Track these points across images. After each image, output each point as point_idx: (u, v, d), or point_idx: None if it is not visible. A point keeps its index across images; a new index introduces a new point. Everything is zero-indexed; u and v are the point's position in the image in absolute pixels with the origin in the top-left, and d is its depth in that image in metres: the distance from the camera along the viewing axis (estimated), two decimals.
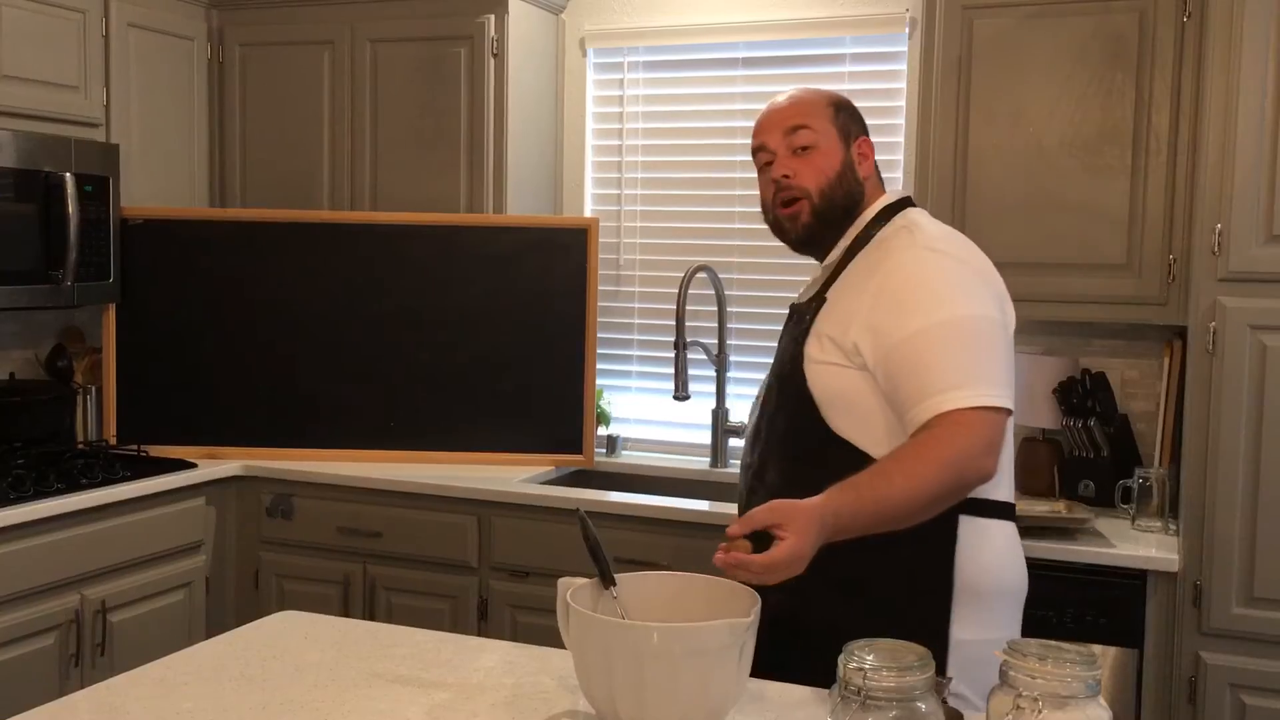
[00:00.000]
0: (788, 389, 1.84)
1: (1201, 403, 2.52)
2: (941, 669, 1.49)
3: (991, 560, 1.80)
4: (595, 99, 3.72)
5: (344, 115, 3.57)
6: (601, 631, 1.41)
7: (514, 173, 3.46)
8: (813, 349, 1.82)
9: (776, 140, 1.90)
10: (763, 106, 1.94)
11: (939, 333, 1.70)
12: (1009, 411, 1.73)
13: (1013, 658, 1.25)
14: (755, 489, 1.86)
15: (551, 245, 3.38)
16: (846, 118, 1.93)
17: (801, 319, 1.89)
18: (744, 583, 1.50)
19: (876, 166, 1.96)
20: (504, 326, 3.38)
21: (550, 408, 3.36)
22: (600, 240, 3.44)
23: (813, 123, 1.89)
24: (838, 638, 1.29)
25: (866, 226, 1.89)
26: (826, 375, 1.79)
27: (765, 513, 1.53)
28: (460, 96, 3.44)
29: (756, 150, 1.94)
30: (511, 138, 3.43)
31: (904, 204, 1.93)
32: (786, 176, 1.88)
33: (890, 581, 1.74)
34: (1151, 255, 2.77)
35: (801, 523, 1.51)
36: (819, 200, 1.88)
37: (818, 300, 1.87)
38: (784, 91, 2.00)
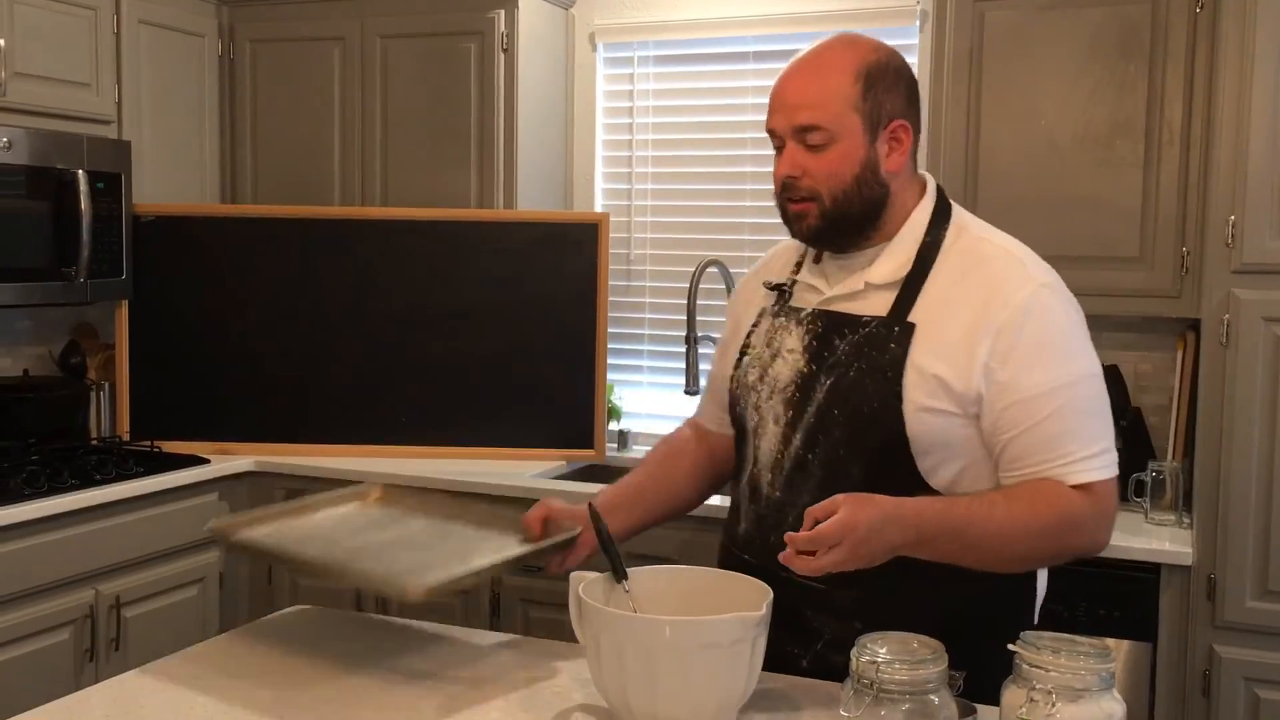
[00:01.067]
0: (870, 431, 1.58)
1: (1215, 395, 2.51)
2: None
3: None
4: (605, 94, 3.72)
5: (354, 111, 3.58)
6: (614, 625, 1.41)
7: (524, 168, 3.46)
8: (918, 393, 1.56)
9: (786, 130, 1.63)
10: None
11: (1069, 394, 1.56)
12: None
13: (1026, 651, 1.25)
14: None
15: (562, 240, 3.38)
16: (880, 95, 1.61)
17: (877, 342, 1.60)
18: (809, 574, 1.44)
19: (914, 153, 1.67)
20: (515, 322, 3.38)
21: (561, 402, 3.37)
22: (611, 235, 3.44)
23: (828, 120, 1.59)
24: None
25: (927, 231, 1.66)
26: (933, 423, 1.57)
27: (827, 503, 1.44)
28: (470, 92, 3.44)
29: (768, 130, 1.68)
30: (522, 133, 3.43)
31: (943, 197, 1.72)
32: (794, 177, 1.63)
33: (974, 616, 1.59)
34: (1164, 248, 2.75)
35: (857, 502, 1.43)
36: (830, 205, 1.62)
37: (898, 324, 1.60)
38: (807, 51, 1.66)
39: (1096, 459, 1.56)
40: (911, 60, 3.33)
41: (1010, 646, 1.27)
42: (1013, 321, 1.56)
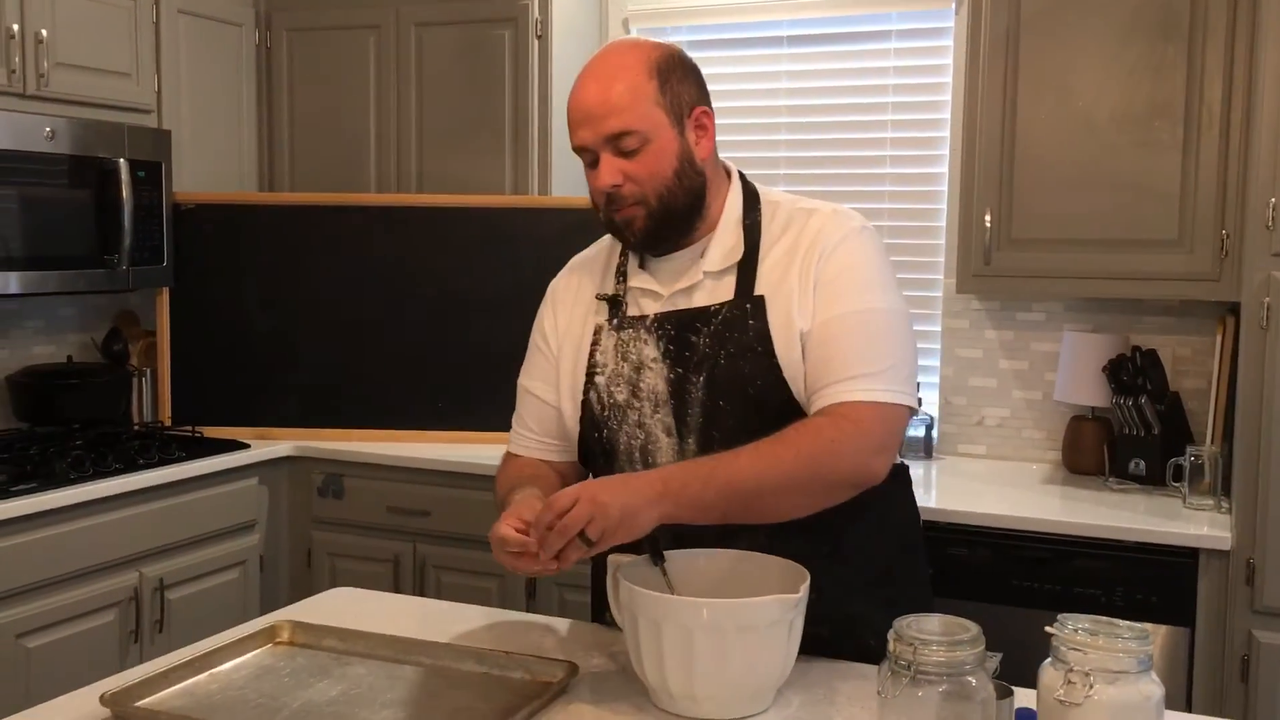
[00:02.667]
0: (762, 409, 1.59)
1: (1255, 379, 2.49)
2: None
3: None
4: None
5: (390, 99, 3.60)
6: (652, 607, 1.42)
7: (558, 154, 3.47)
8: (790, 358, 1.59)
9: (596, 141, 1.59)
10: (808, 86, 1.72)
11: (853, 320, 1.58)
12: (912, 410, 1.61)
13: (1064, 633, 1.25)
14: (739, 531, 1.57)
15: (596, 226, 3.34)
16: (677, 85, 1.61)
17: (735, 324, 1.61)
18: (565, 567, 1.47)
19: (714, 136, 1.67)
20: None
21: None
22: None
23: (635, 122, 1.57)
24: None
25: (745, 215, 1.68)
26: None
27: (564, 494, 1.45)
28: (504, 78, 3.46)
29: (577, 148, 1.63)
30: (556, 119, 3.44)
31: (746, 180, 1.73)
32: (616, 186, 1.59)
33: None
34: (1204, 231, 2.73)
35: (594, 483, 1.48)
36: (656, 204, 1.60)
37: (748, 300, 1.62)
38: (593, 61, 1.65)
39: (863, 380, 1.54)
40: (947, 42, 3.32)
41: (1048, 629, 1.27)
42: (824, 258, 1.61)
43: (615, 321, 1.70)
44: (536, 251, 3.38)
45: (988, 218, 2.91)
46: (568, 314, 1.78)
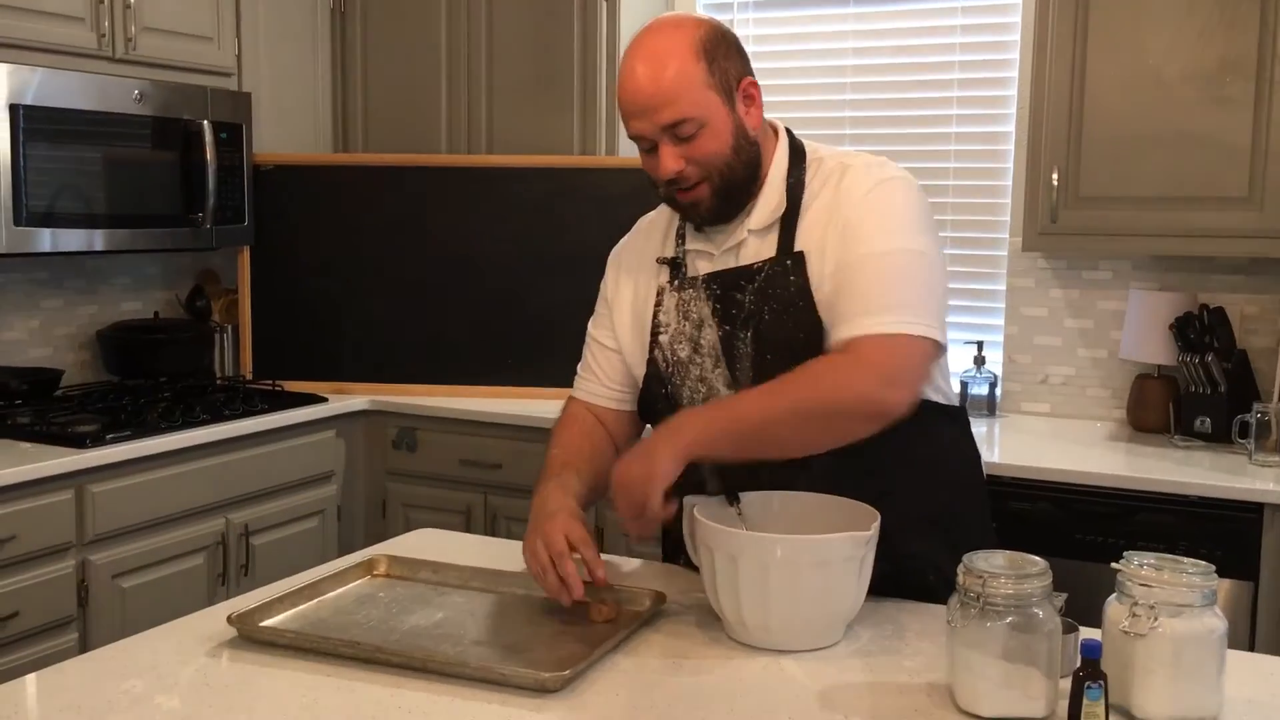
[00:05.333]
0: (808, 360, 1.61)
1: None
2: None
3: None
4: None
5: (460, 59, 3.67)
6: (729, 542, 1.49)
7: None
8: (830, 313, 1.63)
9: (652, 130, 1.62)
10: (874, 45, 1.68)
11: (871, 261, 1.60)
12: (937, 345, 1.60)
13: (1129, 568, 1.29)
14: (798, 476, 1.64)
15: None
16: (723, 62, 1.64)
17: (776, 280, 1.66)
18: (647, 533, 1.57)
19: (761, 104, 1.70)
20: None
21: None
22: None
23: (690, 109, 1.60)
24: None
25: (789, 173, 1.71)
26: None
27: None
28: (573, 38, 3.51)
29: (634, 135, 1.66)
30: None
31: (793, 138, 1.76)
32: (679, 171, 1.63)
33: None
34: (1274, 188, 2.72)
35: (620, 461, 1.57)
36: (720, 181, 1.65)
37: (789, 257, 1.66)
38: (638, 45, 1.64)
39: (874, 315, 1.56)
40: (1015, 0, 3.31)
41: (1114, 564, 1.32)
42: (856, 203, 1.64)
43: (676, 282, 1.76)
44: (603, 210, 3.44)
45: (1055, 176, 2.92)
46: (631, 275, 1.85)
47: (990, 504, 1.89)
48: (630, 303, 1.83)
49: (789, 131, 1.77)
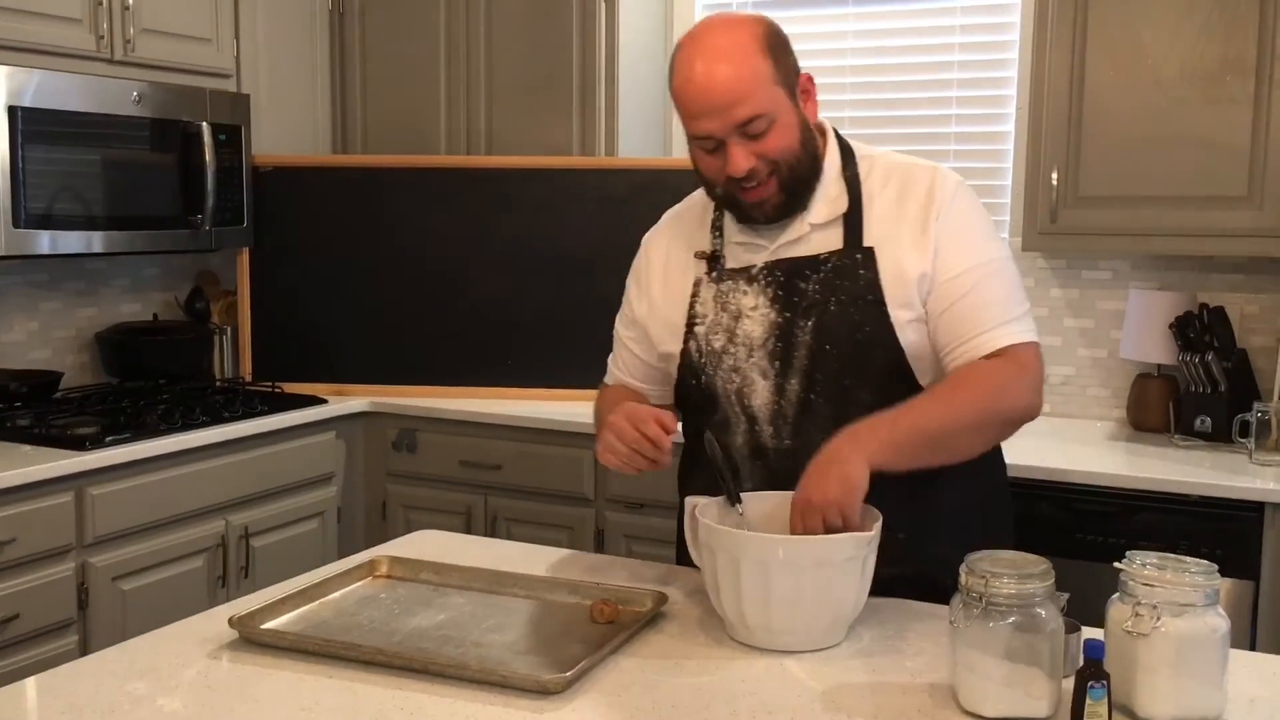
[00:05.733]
0: (869, 355, 1.67)
1: None
2: None
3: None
4: None
5: (459, 61, 3.67)
6: (731, 543, 1.49)
7: (625, 116, 3.52)
8: (900, 308, 1.66)
9: (723, 129, 1.61)
10: (874, 45, 1.75)
11: (985, 271, 1.66)
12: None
13: (1132, 568, 1.29)
14: None
15: (662, 186, 3.38)
16: (783, 59, 1.64)
17: (845, 273, 1.68)
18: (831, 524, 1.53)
19: (815, 98, 1.73)
20: (617, 267, 3.38)
21: None
22: None
23: (762, 105, 1.60)
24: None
25: (843, 168, 1.74)
26: (922, 331, 1.67)
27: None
28: (572, 40, 3.50)
29: (702, 135, 1.64)
30: (623, 81, 3.49)
31: (839, 136, 1.78)
32: (753, 169, 1.63)
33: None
34: (1274, 187, 2.72)
35: (812, 464, 1.53)
36: (789, 175, 1.66)
37: (858, 251, 1.68)
38: (702, 42, 1.64)
39: (1014, 324, 1.66)
40: (1015, 0, 3.31)
41: (1116, 564, 1.31)
42: (942, 213, 1.68)
43: (715, 274, 1.76)
44: (603, 211, 3.45)
45: (1055, 175, 2.92)
46: (661, 268, 1.85)
47: (1012, 509, 1.90)
48: (662, 293, 1.84)
49: (835, 130, 1.79)
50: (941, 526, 1.67)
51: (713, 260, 1.77)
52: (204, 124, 3.20)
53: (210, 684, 1.40)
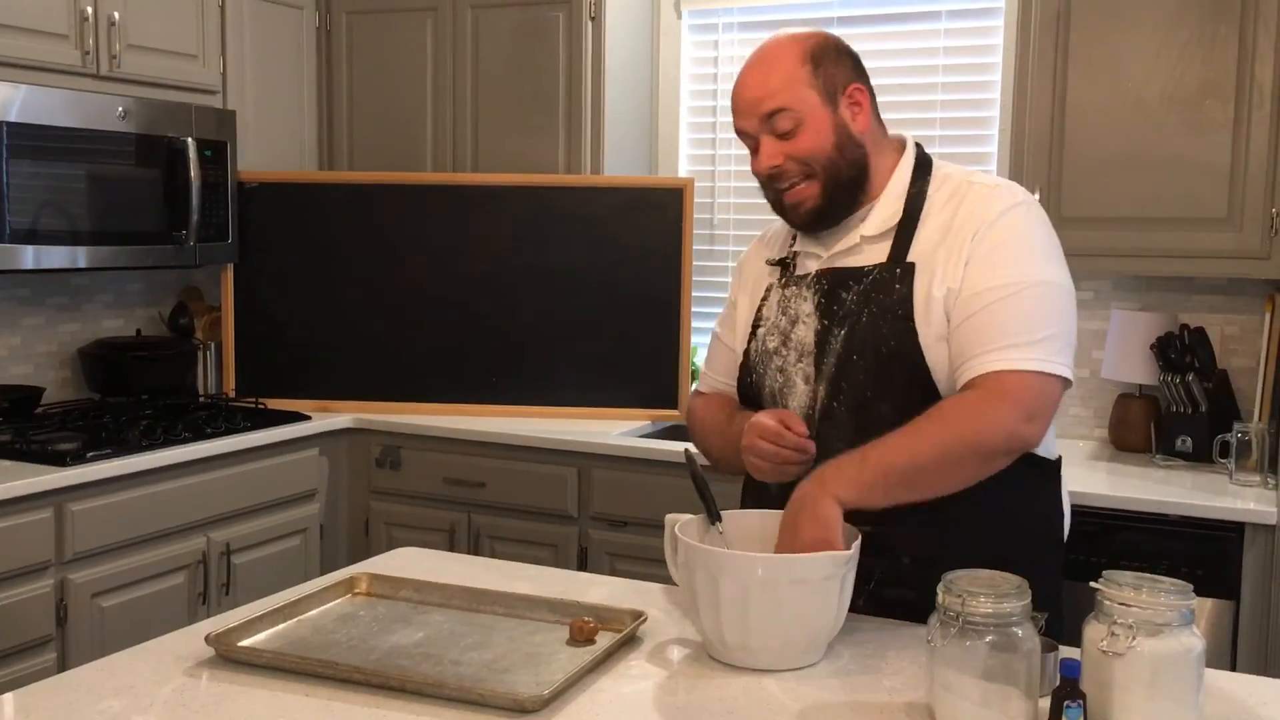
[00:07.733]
0: (893, 369, 1.66)
1: None
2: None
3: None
4: (690, 60, 3.77)
5: (446, 80, 3.68)
6: (709, 561, 1.49)
7: (611, 135, 3.53)
8: (929, 325, 1.65)
9: (755, 125, 1.71)
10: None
11: (1004, 292, 1.61)
12: (1066, 381, 1.62)
13: (1108, 587, 1.30)
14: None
15: (647, 205, 3.45)
16: (830, 68, 1.72)
17: (882, 286, 1.69)
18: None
19: (876, 112, 1.77)
20: (601, 285, 3.46)
21: (646, 365, 3.45)
22: (695, 200, 3.50)
23: (789, 101, 1.69)
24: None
25: (911, 184, 1.74)
26: (944, 353, 1.65)
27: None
28: (558, 60, 3.52)
29: (739, 132, 1.76)
30: (608, 100, 3.50)
31: (922, 153, 1.79)
32: (776, 166, 1.71)
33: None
34: (1253, 209, 2.74)
35: (784, 515, 1.57)
36: (824, 175, 1.70)
37: (899, 265, 1.68)
38: (753, 53, 1.76)
39: (1018, 350, 1.58)
40: (997, 22, 3.34)
41: (1093, 584, 1.32)
42: (982, 230, 1.66)
43: (783, 280, 1.83)
44: (588, 229, 3.46)
45: (1037, 196, 2.93)
46: (752, 273, 1.92)
47: (1063, 561, 1.81)
48: (747, 305, 1.90)
49: (918, 145, 1.81)
50: (956, 562, 1.48)
51: (784, 267, 1.84)
52: (189, 140, 3.20)
53: (185, 702, 1.39)
